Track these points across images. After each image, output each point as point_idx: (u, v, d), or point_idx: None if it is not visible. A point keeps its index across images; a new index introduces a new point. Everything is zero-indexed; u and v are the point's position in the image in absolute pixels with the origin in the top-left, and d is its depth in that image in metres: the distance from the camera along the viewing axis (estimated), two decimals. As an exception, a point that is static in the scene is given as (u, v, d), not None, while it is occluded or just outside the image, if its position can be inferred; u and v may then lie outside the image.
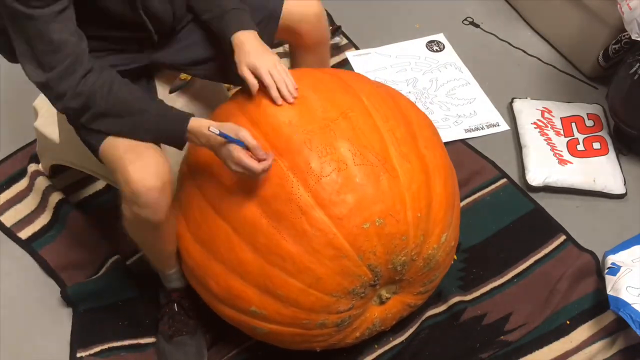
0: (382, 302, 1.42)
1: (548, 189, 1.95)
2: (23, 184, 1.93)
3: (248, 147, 1.20)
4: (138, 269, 1.73)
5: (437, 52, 2.40)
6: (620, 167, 2.00)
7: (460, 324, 1.64)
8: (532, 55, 2.38)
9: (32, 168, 1.94)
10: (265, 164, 1.21)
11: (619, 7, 1.82)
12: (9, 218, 1.87)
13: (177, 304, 1.56)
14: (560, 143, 2.04)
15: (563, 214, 1.89)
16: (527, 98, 2.20)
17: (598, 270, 1.75)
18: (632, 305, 1.53)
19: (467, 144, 2.07)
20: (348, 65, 2.31)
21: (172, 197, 1.32)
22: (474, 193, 1.94)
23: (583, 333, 1.64)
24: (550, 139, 2.04)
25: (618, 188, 1.95)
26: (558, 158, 1.99)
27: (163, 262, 1.51)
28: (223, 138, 1.21)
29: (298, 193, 1.25)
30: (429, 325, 1.64)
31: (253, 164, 1.20)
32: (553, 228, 1.85)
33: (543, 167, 1.96)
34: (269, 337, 1.40)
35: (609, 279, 1.64)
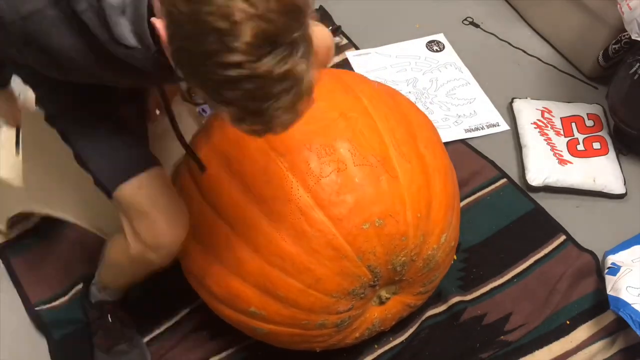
0: (381, 302, 1.42)
1: (548, 189, 1.95)
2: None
3: None
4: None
5: (437, 52, 2.39)
6: (620, 167, 2.00)
7: (460, 324, 1.64)
8: (532, 55, 2.38)
9: None
10: None
11: (619, 7, 1.82)
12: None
13: (110, 315, 1.53)
14: (560, 143, 2.04)
15: (563, 214, 1.89)
16: (527, 98, 2.20)
17: (598, 270, 1.75)
18: (632, 305, 1.53)
19: (467, 144, 2.07)
20: (348, 65, 2.31)
21: None
22: (474, 193, 1.93)
23: (583, 333, 1.64)
24: (550, 139, 2.04)
25: (618, 188, 1.95)
26: (558, 158, 1.99)
27: (127, 286, 1.50)
28: None
29: (297, 194, 1.25)
30: (429, 325, 1.64)
31: None
32: (553, 228, 1.85)
33: (543, 167, 1.96)
34: (269, 337, 1.40)
35: (609, 279, 1.64)
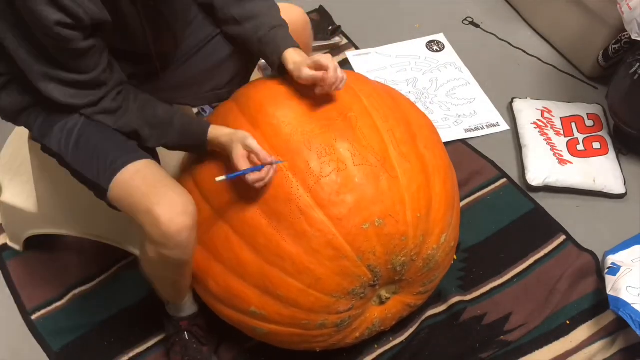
0: (381, 302, 1.42)
1: (548, 189, 1.95)
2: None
3: (256, 155, 1.23)
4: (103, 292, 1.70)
5: (437, 52, 2.39)
6: (620, 167, 2.00)
7: (460, 324, 1.64)
8: (532, 55, 2.38)
9: None
10: (266, 174, 1.22)
11: (619, 7, 1.82)
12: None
13: (187, 333, 1.52)
14: (560, 143, 2.04)
15: (563, 214, 1.89)
16: (527, 98, 2.20)
17: (598, 270, 1.75)
18: (632, 305, 1.53)
19: (467, 144, 2.07)
20: (348, 65, 2.31)
21: None
22: (474, 193, 1.94)
23: (583, 333, 1.64)
24: (550, 139, 2.04)
25: (618, 188, 1.95)
26: (558, 158, 1.99)
27: (180, 294, 1.47)
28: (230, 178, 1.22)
29: (297, 193, 1.25)
30: (429, 325, 1.64)
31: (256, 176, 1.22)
32: (553, 228, 1.85)
33: (543, 167, 1.96)
34: (269, 337, 1.40)
35: (609, 279, 1.64)
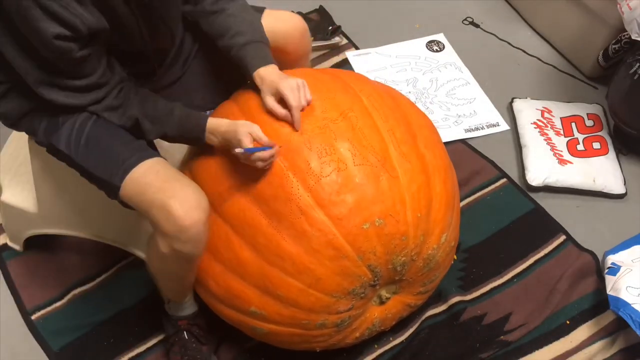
0: (382, 302, 1.42)
1: (548, 189, 1.95)
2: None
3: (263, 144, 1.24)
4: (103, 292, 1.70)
5: (437, 52, 2.40)
6: (620, 167, 2.00)
7: (460, 324, 1.64)
8: (532, 55, 2.39)
9: None
10: (273, 151, 1.24)
11: (619, 7, 1.82)
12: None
13: (187, 332, 1.52)
14: (560, 143, 2.04)
15: (563, 214, 1.89)
16: (527, 98, 2.20)
17: (598, 270, 1.75)
18: (632, 305, 1.53)
19: (467, 144, 2.07)
20: (348, 65, 2.31)
21: None
22: (474, 193, 1.94)
23: (583, 333, 1.64)
24: (550, 139, 2.04)
25: (618, 188, 1.95)
26: (558, 158, 1.99)
27: (183, 292, 1.47)
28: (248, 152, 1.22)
29: (298, 193, 1.25)
30: (429, 325, 1.64)
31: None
32: (553, 228, 1.85)
33: (543, 167, 1.96)
34: (269, 337, 1.40)
35: (609, 279, 1.64)
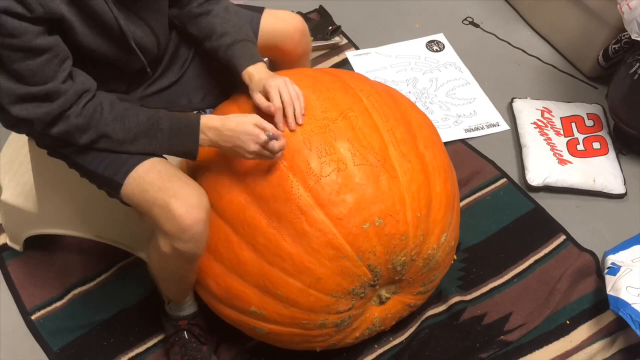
0: (381, 302, 1.42)
1: (548, 189, 1.95)
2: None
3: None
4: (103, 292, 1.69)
5: (437, 52, 2.40)
6: (620, 167, 2.00)
7: (460, 324, 1.64)
8: (532, 55, 2.39)
9: None
10: (282, 143, 1.23)
11: (619, 7, 1.82)
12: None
13: (187, 332, 1.52)
14: (560, 143, 2.04)
15: (563, 214, 1.89)
16: (527, 98, 2.20)
17: (598, 270, 1.75)
18: (632, 305, 1.53)
19: (467, 144, 2.07)
20: (348, 65, 2.31)
21: None
22: (474, 193, 1.94)
23: (583, 333, 1.64)
24: (550, 139, 2.04)
25: (618, 188, 1.95)
26: (558, 158, 1.99)
27: (184, 292, 1.47)
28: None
29: (297, 193, 1.25)
30: (429, 325, 1.64)
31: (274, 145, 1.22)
32: (553, 228, 1.85)
33: (543, 167, 1.96)
34: (269, 337, 1.40)
35: (609, 279, 1.64)
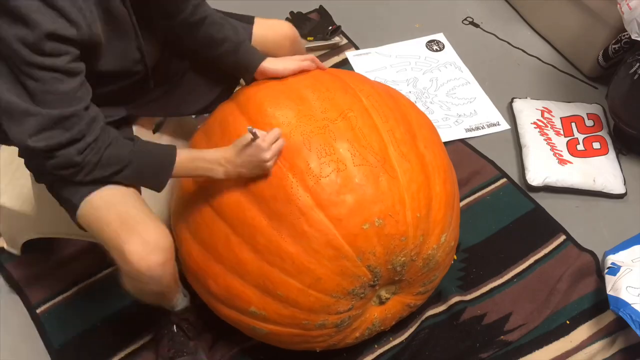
0: (381, 302, 1.42)
1: (548, 189, 1.95)
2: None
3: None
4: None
5: (437, 51, 2.40)
6: (620, 167, 2.00)
7: (460, 324, 1.64)
8: (532, 55, 2.39)
9: None
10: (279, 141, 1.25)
11: (619, 7, 1.82)
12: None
13: (175, 326, 1.54)
14: (560, 143, 2.04)
15: (563, 214, 1.89)
16: (527, 98, 2.20)
17: (598, 270, 1.75)
18: (632, 305, 1.53)
19: (467, 144, 2.07)
20: (348, 65, 2.31)
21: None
22: (474, 193, 1.94)
23: (583, 333, 1.64)
24: (550, 139, 2.04)
25: (618, 188, 1.95)
26: (558, 158, 1.99)
27: (166, 302, 1.46)
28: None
29: (297, 194, 1.25)
30: (429, 325, 1.64)
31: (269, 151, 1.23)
32: (553, 228, 1.85)
33: (543, 167, 1.96)
34: (269, 337, 1.40)
35: (609, 279, 1.64)
